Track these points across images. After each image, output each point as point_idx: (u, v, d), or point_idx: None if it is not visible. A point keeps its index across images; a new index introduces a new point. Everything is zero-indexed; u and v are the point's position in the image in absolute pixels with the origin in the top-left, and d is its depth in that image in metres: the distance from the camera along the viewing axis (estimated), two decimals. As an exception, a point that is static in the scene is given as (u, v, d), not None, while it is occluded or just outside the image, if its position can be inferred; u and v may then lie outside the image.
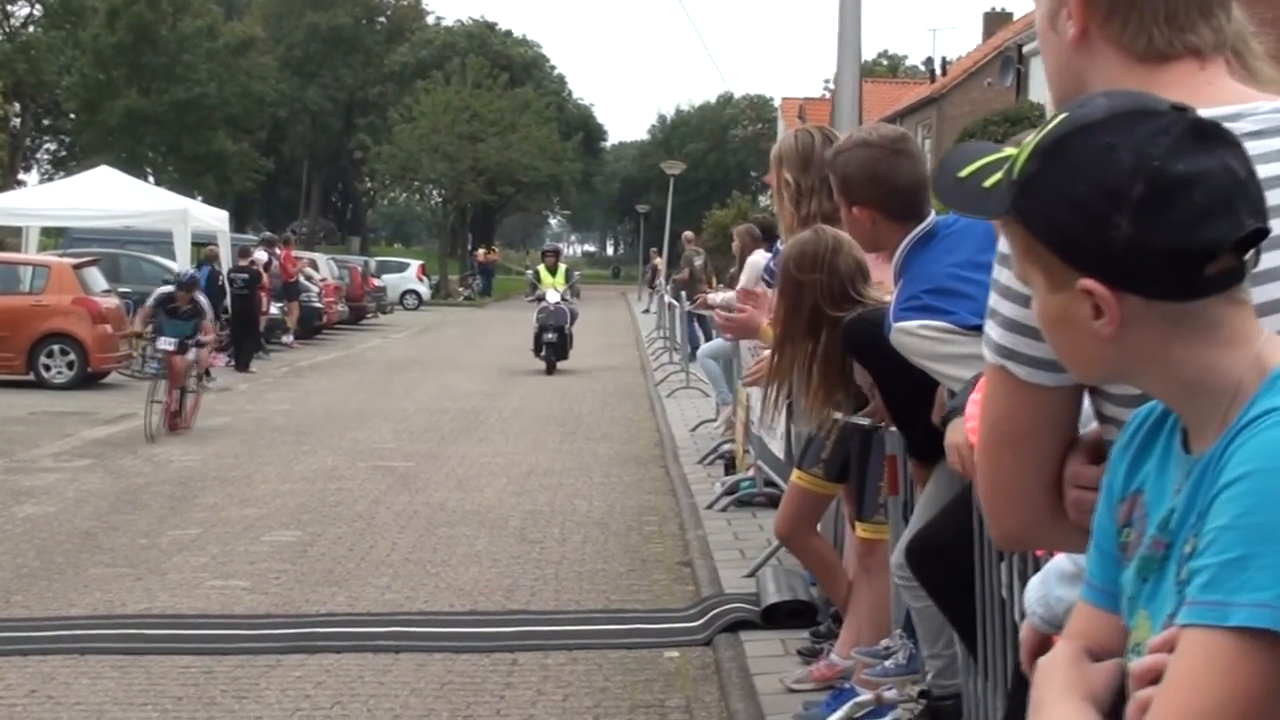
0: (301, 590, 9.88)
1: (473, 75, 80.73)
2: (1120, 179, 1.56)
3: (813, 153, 6.27)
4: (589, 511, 12.98)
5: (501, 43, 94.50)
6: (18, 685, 7.61)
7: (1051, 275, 1.65)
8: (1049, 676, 1.77)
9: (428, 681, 7.79)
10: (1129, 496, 1.79)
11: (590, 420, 20.14)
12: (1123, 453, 1.82)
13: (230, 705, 7.35)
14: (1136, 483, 1.78)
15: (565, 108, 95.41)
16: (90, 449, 16.54)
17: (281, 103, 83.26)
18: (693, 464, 14.99)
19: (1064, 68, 2.07)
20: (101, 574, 10.21)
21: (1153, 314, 1.61)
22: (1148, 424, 1.79)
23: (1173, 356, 1.64)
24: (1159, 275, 1.58)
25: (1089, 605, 1.86)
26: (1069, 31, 2.02)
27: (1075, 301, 1.63)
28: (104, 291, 24.33)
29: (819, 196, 6.15)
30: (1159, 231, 1.56)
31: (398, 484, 14.22)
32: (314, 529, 11.94)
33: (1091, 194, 1.57)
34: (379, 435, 18.08)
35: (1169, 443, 1.73)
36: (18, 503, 12.94)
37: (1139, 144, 1.57)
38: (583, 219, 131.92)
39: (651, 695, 7.62)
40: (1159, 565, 1.69)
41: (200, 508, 12.86)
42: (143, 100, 73.66)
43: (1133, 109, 1.62)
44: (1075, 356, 1.73)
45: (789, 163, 6.35)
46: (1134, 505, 1.77)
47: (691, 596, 9.64)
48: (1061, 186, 1.60)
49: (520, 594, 9.85)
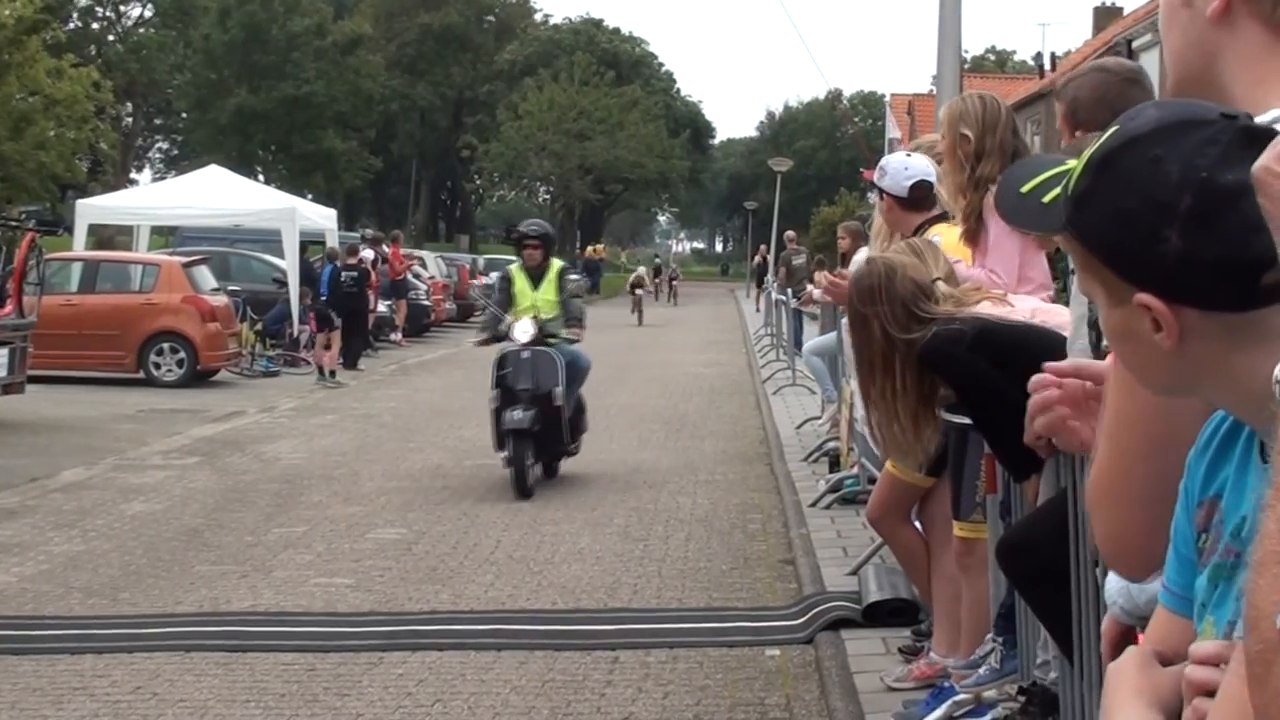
0: (405, 588, 9.95)
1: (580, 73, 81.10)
2: (1168, 191, 1.55)
3: (999, 117, 6.27)
4: (693, 509, 12.99)
5: (609, 40, 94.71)
6: (124, 682, 7.74)
7: (1110, 290, 1.64)
8: (1119, 681, 1.77)
9: (529, 679, 7.83)
10: (1206, 502, 1.77)
11: (696, 418, 20.13)
12: (1199, 456, 1.80)
13: (332, 702, 7.43)
14: (1214, 488, 1.76)
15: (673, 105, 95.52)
16: (198, 447, 16.76)
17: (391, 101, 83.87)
18: (797, 461, 14.94)
19: (1196, 45, 1.99)
20: (208, 571, 10.35)
21: (1211, 325, 1.59)
22: (1224, 427, 1.77)
23: (1234, 367, 1.62)
24: (1212, 287, 1.56)
25: (1165, 609, 1.85)
26: (1211, 5, 1.95)
27: (1135, 315, 1.61)
28: (213, 290, 24.61)
29: (995, 160, 6.12)
30: (1209, 243, 1.54)
31: (502, 482, 14.27)
32: (419, 526, 12.02)
33: (1141, 208, 1.56)
34: (485, 433, 18.11)
35: (1248, 449, 1.72)
36: (126, 500, 13.14)
37: (1186, 155, 1.55)
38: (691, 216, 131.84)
39: (752, 693, 7.62)
40: (1229, 573, 1.67)
41: (306, 505, 13.00)
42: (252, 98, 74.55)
43: (1181, 119, 1.60)
44: (1143, 369, 1.72)
45: (970, 121, 6.28)
46: (1212, 510, 1.75)
47: (794, 594, 9.62)
48: (1113, 201, 1.58)
49: (622, 592, 9.87)
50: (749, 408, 21.24)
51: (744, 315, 47.87)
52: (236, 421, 19.15)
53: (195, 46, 79.46)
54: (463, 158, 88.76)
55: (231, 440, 17.31)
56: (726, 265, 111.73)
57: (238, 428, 18.59)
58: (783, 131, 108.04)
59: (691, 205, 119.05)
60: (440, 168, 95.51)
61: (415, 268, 37.43)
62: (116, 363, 22.92)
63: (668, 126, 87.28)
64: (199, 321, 23.43)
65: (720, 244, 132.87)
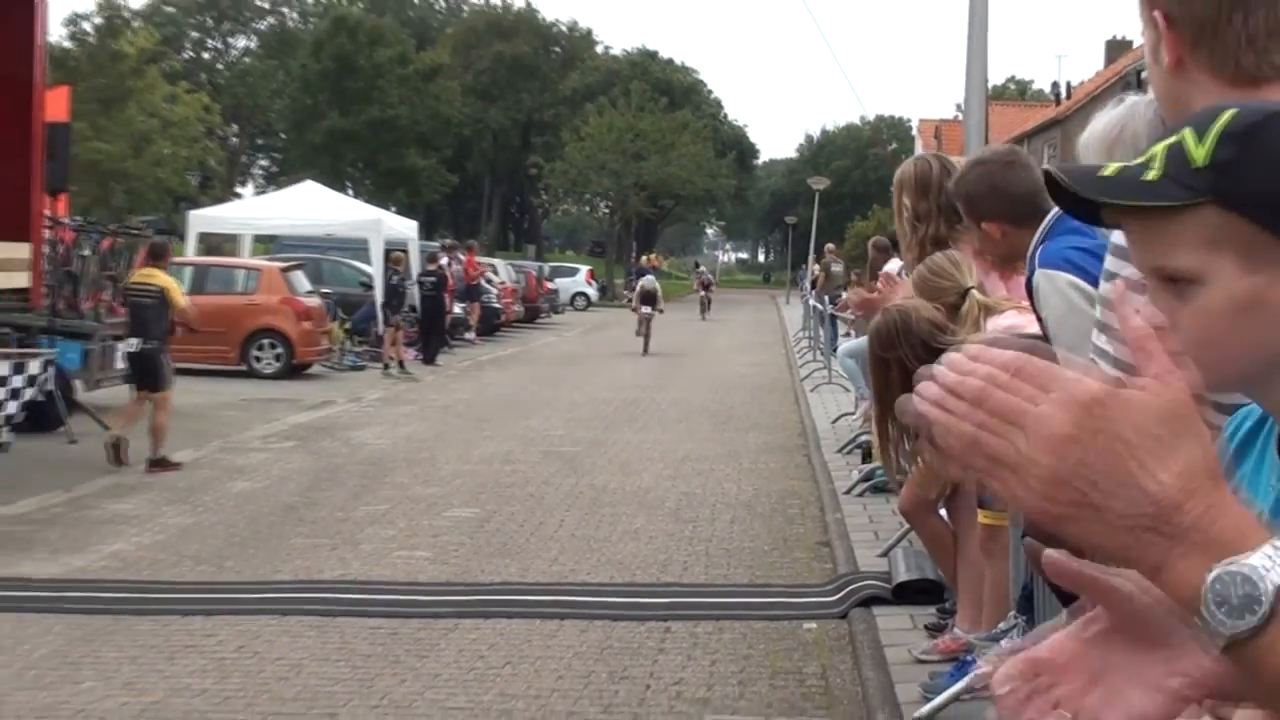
0: (478, 561, 9.98)
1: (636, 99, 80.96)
2: None
3: (930, 179, 6.12)
4: (737, 494, 12.96)
5: (662, 70, 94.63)
6: (228, 641, 7.79)
7: (1253, 256, 1.48)
8: None
9: (588, 646, 7.83)
10: None
11: (740, 411, 20.10)
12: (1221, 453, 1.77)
13: (413, 663, 7.45)
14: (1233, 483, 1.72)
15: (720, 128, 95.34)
16: (294, 432, 16.84)
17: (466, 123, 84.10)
18: (833, 453, 14.89)
19: (1165, 93, 2.04)
20: (302, 544, 10.40)
21: None
22: (1244, 428, 1.73)
23: None
24: None
25: None
26: (1166, 61, 2.00)
27: (1274, 282, 1.45)
28: (308, 292, 24.75)
29: (935, 221, 6.04)
30: None
31: (566, 467, 14.29)
32: (490, 506, 12.05)
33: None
34: (550, 423, 18.19)
35: (1265, 446, 1.68)
36: (230, 479, 13.21)
37: None
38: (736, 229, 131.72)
39: (791, 663, 7.60)
40: None
41: (389, 486, 13.04)
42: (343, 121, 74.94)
43: None
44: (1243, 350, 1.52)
45: (908, 188, 6.21)
46: None
47: (829, 574, 9.59)
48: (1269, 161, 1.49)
49: (673, 568, 9.86)
50: (788, 403, 21.20)
51: (784, 319, 47.77)
52: (327, 410, 19.24)
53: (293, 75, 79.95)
54: (530, 175, 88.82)
55: (323, 427, 17.39)
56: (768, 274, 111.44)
57: (329, 416, 18.67)
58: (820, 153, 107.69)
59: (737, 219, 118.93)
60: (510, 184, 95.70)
61: (488, 274, 37.55)
62: (222, 357, 23.05)
63: (715, 148, 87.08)
64: (295, 320, 23.59)
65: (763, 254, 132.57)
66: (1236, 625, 1.04)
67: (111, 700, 6.74)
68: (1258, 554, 1.05)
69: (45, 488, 12.39)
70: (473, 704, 6.77)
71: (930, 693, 6.56)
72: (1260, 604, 1.04)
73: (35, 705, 6.65)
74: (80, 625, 8.09)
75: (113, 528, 10.88)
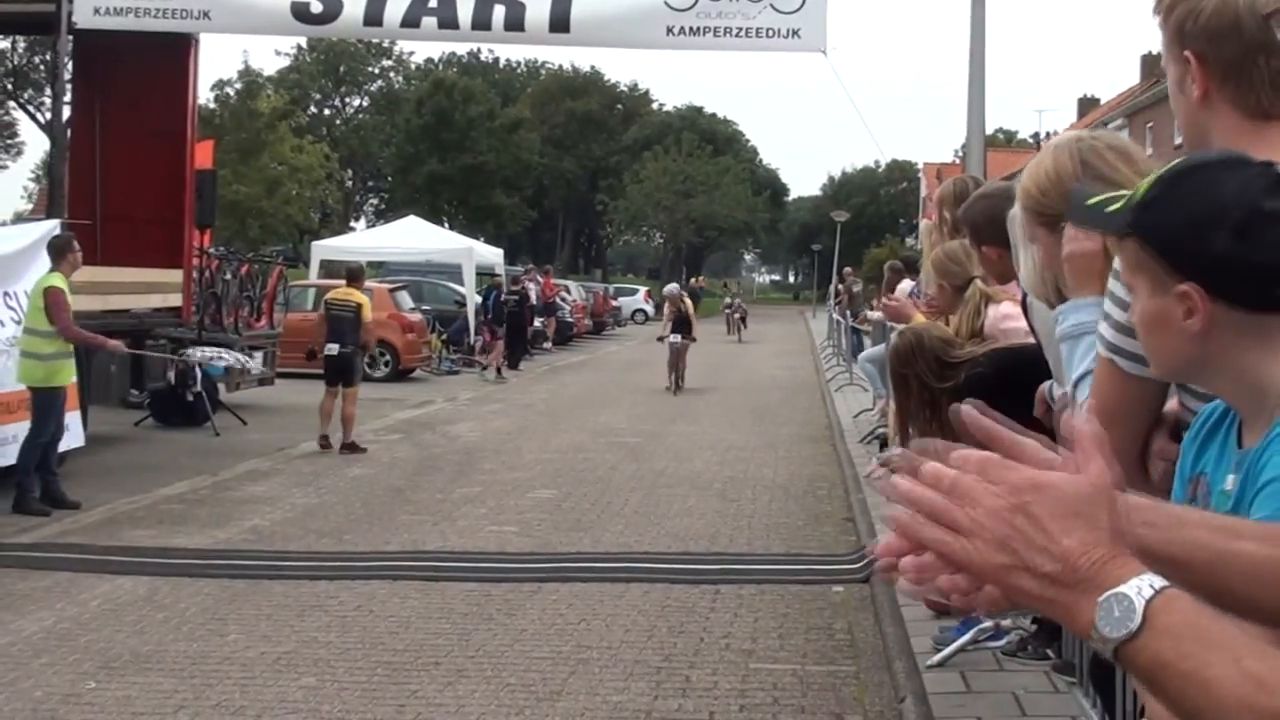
0: (556, 534, 9.96)
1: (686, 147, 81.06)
2: (1224, 204, 1.49)
3: (967, 195, 6.15)
4: (774, 478, 12.90)
5: (707, 122, 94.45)
6: (348, 602, 7.80)
7: (1156, 282, 1.57)
8: None
9: (650, 605, 7.80)
10: (1194, 478, 1.72)
11: (775, 408, 20.01)
12: (1191, 441, 1.75)
13: (503, 620, 7.44)
14: (1200, 466, 1.71)
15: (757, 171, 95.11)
16: (400, 426, 16.88)
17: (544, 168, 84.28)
18: (855, 443, 14.79)
19: (1191, 124, 2.00)
20: (408, 520, 10.41)
21: (1233, 320, 1.53)
22: (1213, 418, 1.72)
23: (1243, 360, 1.56)
24: (1245, 287, 1.51)
25: None
26: (1194, 94, 1.95)
27: (1172, 303, 1.55)
28: (411, 309, 24.87)
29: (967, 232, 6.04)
30: (1250, 249, 1.48)
31: (629, 455, 14.27)
32: (566, 488, 12.03)
33: (1200, 212, 1.50)
34: (615, 418, 18.18)
35: (1227, 435, 1.66)
36: (348, 466, 13.26)
37: (1241, 181, 1.50)
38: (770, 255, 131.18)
39: (821, 620, 7.54)
40: None
41: (481, 471, 13.05)
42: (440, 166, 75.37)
43: (1237, 158, 1.56)
44: (1163, 353, 1.64)
45: (948, 203, 6.21)
46: (1198, 485, 1.70)
47: (853, 545, 9.52)
48: (1177, 205, 1.53)
49: (721, 540, 9.82)
50: (816, 401, 21.09)
51: (811, 331, 47.54)
52: (428, 408, 19.29)
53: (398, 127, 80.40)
54: (597, 211, 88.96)
55: (424, 422, 17.43)
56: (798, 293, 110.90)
57: (429, 413, 18.72)
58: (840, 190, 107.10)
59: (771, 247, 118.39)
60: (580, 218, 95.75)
61: (562, 293, 37.61)
62: (340, 363, 23.10)
63: (752, 187, 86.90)
64: (400, 332, 23.66)
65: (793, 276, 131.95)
66: (1119, 633, 1.15)
67: (252, 650, 6.76)
68: (1131, 582, 1.16)
69: (195, 473, 12.48)
70: (554, 654, 6.75)
71: (940, 644, 6.50)
72: (1134, 615, 1.15)
73: (189, 654, 6.69)
74: (225, 588, 8.14)
75: (250, 506, 10.93)
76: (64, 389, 10.68)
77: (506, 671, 6.43)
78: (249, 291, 18.02)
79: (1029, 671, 6.06)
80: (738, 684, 6.29)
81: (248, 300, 17.86)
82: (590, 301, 42.66)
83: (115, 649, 6.74)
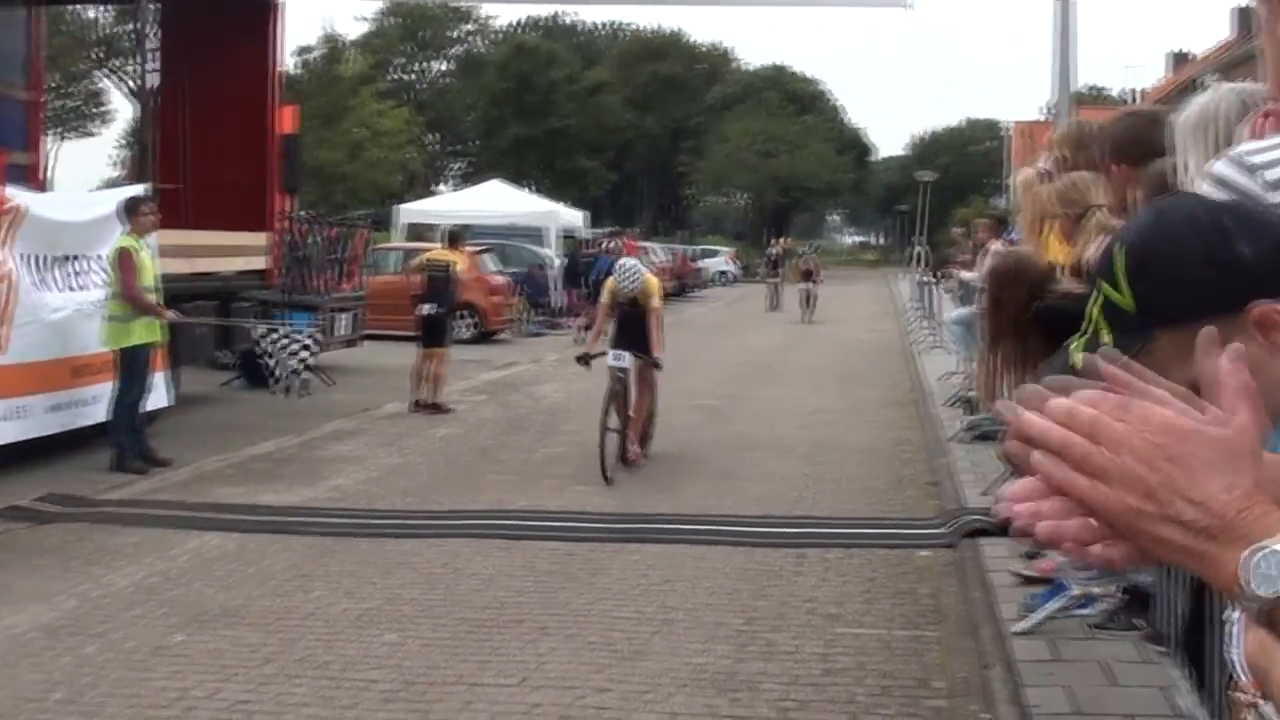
0: (640, 494, 9.97)
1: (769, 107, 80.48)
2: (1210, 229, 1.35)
3: (1085, 136, 6.11)
4: (858, 441, 12.80)
5: (791, 81, 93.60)
6: (433, 559, 7.86)
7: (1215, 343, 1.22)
8: None
9: (733, 567, 7.78)
10: None
11: (860, 371, 19.86)
12: None
13: (586, 580, 7.46)
14: None
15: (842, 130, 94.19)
16: (486, 388, 16.98)
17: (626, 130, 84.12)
18: (940, 406, 14.66)
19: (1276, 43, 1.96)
20: (494, 480, 10.47)
21: None
22: None
23: None
24: None
25: None
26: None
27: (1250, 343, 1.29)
28: (495, 272, 24.98)
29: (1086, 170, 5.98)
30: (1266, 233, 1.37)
31: (712, 418, 14.24)
32: (650, 449, 12.01)
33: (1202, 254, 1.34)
34: (697, 381, 18.13)
35: None
36: (433, 426, 13.36)
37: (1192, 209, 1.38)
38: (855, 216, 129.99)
39: (907, 585, 7.48)
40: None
41: (565, 432, 13.08)
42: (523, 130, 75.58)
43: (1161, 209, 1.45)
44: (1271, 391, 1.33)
45: (1069, 142, 6.16)
46: None
47: (939, 509, 9.43)
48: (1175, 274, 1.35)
49: (804, 504, 9.77)
50: (901, 364, 20.90)
51: (896, 294, 47.11)
52: (513, 369, 19.38)
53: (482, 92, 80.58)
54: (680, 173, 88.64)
55: (509, 383, 17.52)
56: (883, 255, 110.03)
57: (514, 374, 18.81)
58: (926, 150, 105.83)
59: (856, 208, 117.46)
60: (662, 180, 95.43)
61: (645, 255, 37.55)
62: (424, 325, 23.28)
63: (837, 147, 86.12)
64: (485, 295, 23.79)
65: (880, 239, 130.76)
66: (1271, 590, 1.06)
67: (336, 606, 6.84)
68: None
69: (281, 432, 12.63)
70: (637, 614, 6.76)
71: (1028, 611, 6.41)
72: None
73: (275, 609, 6.78)
74: (310, 544, 8.23)
75: (336, 465, 11.05)
76: (147, 349, 10.83)
77: (589, 630, 6.45)
78: (334, 254, 18.15)
79: (1118, 641, 5.96)
80: (821, 648, 6.25)
81: (334, 263, 17.99)
82: (673, 263, 42.55)
83: (203, 603, 6.85)
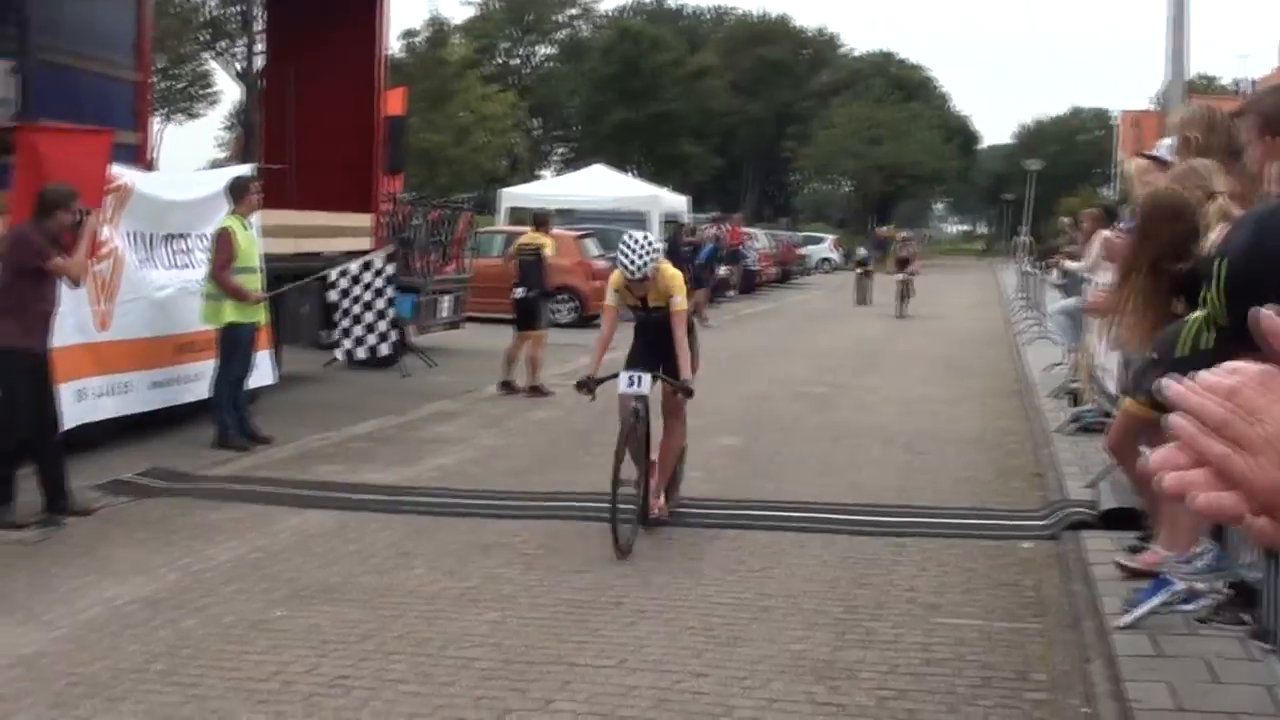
0: (740, 481, 9.95)
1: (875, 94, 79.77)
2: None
3: (1215, 121, 5.99)
4: (962, 431, 12.65)
5: (898, 68, 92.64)
6: (531, 540, 7.90)
7: None
8: None
9: (833, 555, 7.74)
10: None
11: (964, 361, 19.63)
12: None
13: (684, 564, 7.47)
14: None
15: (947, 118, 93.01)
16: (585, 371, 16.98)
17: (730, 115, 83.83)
18: (1045, 397, 14.43)
19: None
20: (591, 461, 10.48)
21: None
22: None
23: None
24: None
25: None
26: None
27: None
28: (597, 256, 25.02)
29: (1218, 154, 5.85)
30: None
31: (814, 405, 14.16)
32: (750, 436, 12.00)
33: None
34: (799, 368, 18.05)
35: None
36: (533, 409, 13.45)
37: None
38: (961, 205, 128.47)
39: (1009, 576, 7.37)
40: None
41: (664, 417, 13.06)
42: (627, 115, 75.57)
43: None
44: None
45: (1199, 125, 6.03)
46: None
47: (1042, 500, 9.29)
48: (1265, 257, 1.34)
49: (907, 493, 9.67)
50: (1006, 354, 20.62)
51: (1000, 284, 46.47)
52: (613, 354, 19.32)
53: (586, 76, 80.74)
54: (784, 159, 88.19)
55: (609, 366, 17.49)
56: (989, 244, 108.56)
57: (613, 358, 18.67)
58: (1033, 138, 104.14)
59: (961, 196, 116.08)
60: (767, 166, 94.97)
61: (748, 241, 37.43)
62: (526, 308, 23.43)
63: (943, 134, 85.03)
64: (586, 279, 23.85)
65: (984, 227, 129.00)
66: None
67: (436, 585, 6.91)
68: None
69: (383, 412, 12.79)
70: (735, 600, 6.75)
71: (1131, 605, 6.29)
72: None
73: (376, 586, 6.87)
74: (411, 523, 8.33)
75: (436, 445, 11.17)
76: (248, 328, 10.99)
77: (687, 615, 6.45)
78: (438, 237, 18.33)
79: (1223, 637, 5.82)
80: (921, 638, 6.19)
81: (437, 245, 18.18)
82: (777, 249, 42.36)
83: (304, 579, 6.96)
